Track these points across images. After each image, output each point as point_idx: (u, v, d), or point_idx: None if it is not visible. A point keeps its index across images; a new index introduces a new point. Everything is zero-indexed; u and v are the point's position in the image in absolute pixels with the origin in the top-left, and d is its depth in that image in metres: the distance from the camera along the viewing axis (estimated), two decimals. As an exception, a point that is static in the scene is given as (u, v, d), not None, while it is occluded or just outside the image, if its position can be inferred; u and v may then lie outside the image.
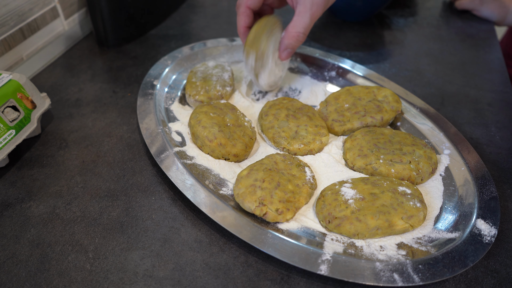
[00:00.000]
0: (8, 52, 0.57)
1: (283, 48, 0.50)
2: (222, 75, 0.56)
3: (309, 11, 0.47)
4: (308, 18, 0.47)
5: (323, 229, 0.40)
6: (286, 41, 0.49)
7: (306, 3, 0.46)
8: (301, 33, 0.48)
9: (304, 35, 0.48)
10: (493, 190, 0.43)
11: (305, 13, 0.47)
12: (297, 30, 0.48)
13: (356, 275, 0.35)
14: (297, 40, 0.49)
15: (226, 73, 0.57)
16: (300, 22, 0.47)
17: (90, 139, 0.51)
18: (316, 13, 0.47)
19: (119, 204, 0.44)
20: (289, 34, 0.48)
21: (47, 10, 0.62)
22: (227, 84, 0.55)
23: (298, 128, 0.49)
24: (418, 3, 0.87)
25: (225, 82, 0.56)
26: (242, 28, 0.52)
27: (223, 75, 0.56)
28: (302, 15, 0.47)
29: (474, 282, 0.37)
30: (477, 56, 0.69)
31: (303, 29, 0.48)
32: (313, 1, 0.46)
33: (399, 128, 0.53)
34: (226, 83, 0.55)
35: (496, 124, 0.55)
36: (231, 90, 0.56)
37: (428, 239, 0.39)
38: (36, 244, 0.39)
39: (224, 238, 0.40)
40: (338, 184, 0.43)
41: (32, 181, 0.46)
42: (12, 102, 0.46)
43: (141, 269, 0.38)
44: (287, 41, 0.49)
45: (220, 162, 0.46)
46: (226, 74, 0.57)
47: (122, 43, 0.70)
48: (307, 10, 0.47)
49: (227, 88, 0.55)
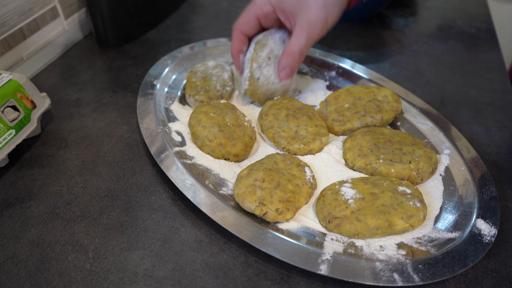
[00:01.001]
0: (8, 52, 0.57)
1: (280, 68, 0.50)
2: (222, 75, 0.56)
3: (305, 31, 0.47)
4: (304, 38, 0.47)
5: (323, 229, 0.40)
6: (282, 61, 0.49)
7: (302, 24, 0.47)
8: (296, 53, 0.48)
9: (299, 55, 0.48)
10: (493, 190, 0.43)
11: (301, 33, 0.47)
12: (292, 50, 0.48)
13: (356, 275, 0.35)
14: (292, 60, 0.48)
15: (226, 73, 0.57)
16: (295, 42, 0.47)
17: (90, 139, 0.51)
18: (313, 33, 0.47)
19: (119, 204, 0.44)
20: (284, 53, 0.49)
21: (47, 10, 0.62)
22: (227, 84, 0.55)
23: (298, 128, 0.49)
24: (418, 3, 0.87)
25: (225, 82, 0.56)
26: (235, 51, 0.52)
27: (223, 75, 0.56)
28: (298, 36, 0.47)
29: (474, 282, 0.37)
30: (477, 56, 0.69)
31: (298, 49, 0.47)
32: (309, 22, 0.46)
33: (399, 128, 0.53)
34: (226, 83, 0.55)
35: (496, 124, 0.55)
36: (231, 90, 0.56)
37: (428, 239, 0.39)
38: (36, 244, 0.40)
39: (224, 238, 0.40)
40: (338, 184, 0.43)
41: (32, 181, 0.46)
42: (12, 102, 0.46)
43: (141, 269, 0.38)
44: (283, 61, 0.49)
45: (220, 162, 0.46)
46: (226, 74, 0.57)
47: (122, 43, 0.70)
48: (303, 30, 0.47)
49: (227, 88, 0.55)
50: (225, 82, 0.56)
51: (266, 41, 0.52)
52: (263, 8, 0.50)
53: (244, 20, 0.51)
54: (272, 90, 0.53)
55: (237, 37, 0.52)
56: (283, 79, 0.51)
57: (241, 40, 0.52)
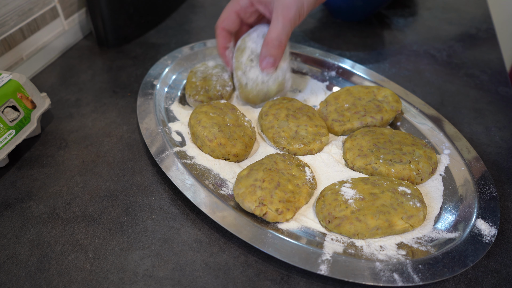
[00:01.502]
0: (8, 52, 0.57)
1: (261, 59, 0.49)
2: (222, 75, 0.56)
3: (280, 16, 0.46)
4: (280, 23, 0.46)
5: (323, 229, 0.40)
6: (262, 51, 0.48)
7: (278, 10, 0.46)
8: (274, 39, 0.47)
9: (278, 41, 0.47)
10: (493, 190, 0.43)
11: (277, 18, 0.46)
12: (270, 37, 0.47)
13: (356, 275, 0.35)
14: (272, 47, 0.47)
15: (226, 73, 0.57)
16: (272, 29, 0.47)
17: (90, 139, 0.51)
18: (288, 16, 0.46)
19: (119, 204, 0.44)
20: (263, 42, 0.48)
21: (47, 10, 0.62)
22: (227, 84, 0.55)
23: (298, 128, 0.49)
24: (418, 3, 0.87)
25: (225, 82, 0.56)
26: (220, 49, 0.53)
27: (223, 75, 0.56)
28: (275, 22, 0.46)
29: (474, 282, 0.37)
30: (477, 56, 0.69)
31: (275, 35, 0.46)
32: (284, 6, 0.45)
33: (399, 128, 0.53)
34: (226, 83, 0.55)
35: (496, 124, 0.55)
36: (231, 90, 0.56)
37: (428, 239, 0.39)
38: (36, 244, 0.40)
39: (224, 238, 0.40)
40: (338, 184, 0.43)
41: (32, 181, 0.46)
42: (12, 102, 0.46)
43: (141, 269, 0.38)
44: (263, 50, 0.48)
45: (220, 162, 0.46)
46: (226, 74, 0.57)
47: (122, 43, 0.70)
48: (278, 15, 0.46)
49: (227, 88, 0.55)
50: (225, 82, 0.56)
51: (244, 44, 0.52)
52: (240, 2, 0.50)
53: (224, 17, 0.51)
54: (264, 90, 0.52)
55: (219, 35, 0.52)
56: (265, 69, 0.49)
57: (224, 37, 0.52)
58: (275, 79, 0.52)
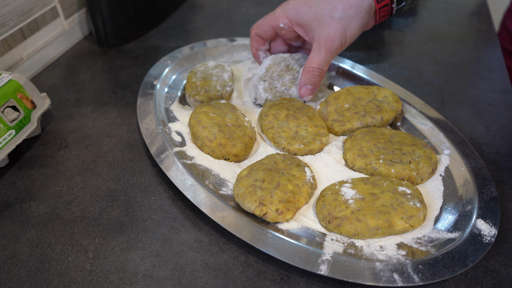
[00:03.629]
0: (8, 52, 0.57)
1: (301, 85, 0.51)
2: (222, 75, 0.56)
3: (323, 47, 0.47)
4: (322, 54, 0.48)
5: (323, 229, 0.40)
6: (303, 78, 0.50)
7: (320, 40, 0.47)
8: (315, 68, 0.49)
9: (319, 70, 0.49)
10: (493, 190, 0.43)
11: (319, 49, 0.48)
12: (312, 66, 0.49)
13: (356, 275, 0.35)
14: (312, 75, 0.50)
15: (226, 73, 0.57)
16: (314, 58, 0.48)
17: (90, 139, 0.51)
18: (331, 48, 0.48)
19: (119, 204, 0.44)
20: (304, 70, 0.50)
21: (47, 10, 0.62)
22: (227, 84, 0.55)
23: (298, 128, 0.49)
24: (418, 3, 0.87)
25: (225, 82, 0.56)
26: (253, 50, 0.56)
27: (223, 75, 0.56)
28: (317, 51, 0.48)
29: (474, 282, 0.37)
30: (477, 56, 0.69)
31: (316, 64, 0.49)
32: (327, 37, 0.47)
33: (399, 128, 0.53)
34: (226, 83, 0.55)
35: (496, 124, 0.55)
36: (231, 90, 0.56)
37: (428, 239, 0.39)
38: (36, 244, 0.40)
39: (224, 238, 0.40)
40: (338, 184, 0.43)
41: (32, 181, 0.46)
42: (12, 102, 0.46)
43: (141, 269, 0.38)
44: (304, 78, 0.50)
45: (220, 162, 0.46)
46: (226, 74, 0.57)
47: (122, 43, 0.70)
48: (321, 46, 0.48)
49: (227, 88, 0.55)
50: (225, 82, 0.55)
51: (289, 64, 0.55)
52: (279, 20, 0.51)
53: (260, 25, 0.53)
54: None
55: (253, 38, 0.55)
56: (305, 96, 0.52)
57: (257, 41, 0.54)
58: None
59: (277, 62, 0.55)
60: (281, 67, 0.55)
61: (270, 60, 0.55)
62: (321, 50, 0.48)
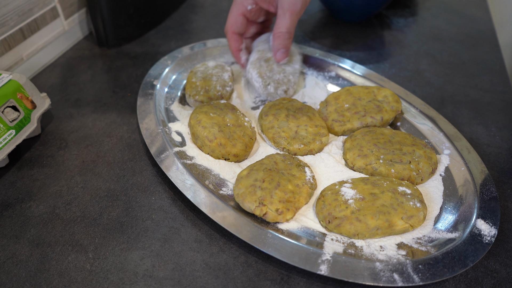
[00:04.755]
0: (8, 52, 0.57)
1: (275, 50, 0.53)
2: (222, 75, 0.56)
3: (287, 11, 0.50)
4: (287, 17, 0.50)
5: (323, 229, 0.40)
6: (275, 43, 0.52)
7: (283, 5, 0.49)
8: (284, 32, 0.51)
9: (288, 33, 0.51)
10: (493, 190, 0.43)
11: (284, 14, 0.50)
12: (281, 31, 0.51)
13: (356, 275, 0.35)
14: (283, 39, 0.51)
15: (226, 73, 0.57)
16: (281, 23, 0.50)
17: (90, 139, 0.51)
18: (295, 11, 0.50)
19: (119, 204, 0.44)
20: (274, 36, 0.52)
21: (47, 10, 0.62)
22: (227, 84, 0.55)
23: (298, 128, 0.49)
24: (418, 3, 0.87)
25: (225, 82, 0.56)
26: (234, 52, 0.55)
27: (223, 75, 0.56)
28: (282, 17, 0.50)
29: (474, 282, 0.37)
30: (477, 56, 0.69)
31: (285, 29, 0.50)
32: (290, 2, 0.49)
33: (399, 128, 0.53)
34: (226, 83, 0.55)
35: (496, 124, 0.55)
36: (231, 90, 0.56)
37: (428, 239, 0.39)
38: (36, 244, 0.40)
39: (224, 238, 0.40)
40: (338, 184, 0.43)
41: (32, 181, 0.46)
42: (12, 102, 0.46)
43: (141, 269, 0.38)
44: (275, 43, 0.52)
45: (220, 162, 0.46)
46: (226, 74, 0.57)
47: (122, 43, 0.70)
48: (285, 11, 0.50)
49: (227, 88, 0.55)
50: (225, 82, 0.55)
51: (259, 62, 0.55)
52: (245, 4, 0.52)
53: (232, 21, 0.53)
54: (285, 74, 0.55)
55: (231, 39, 0.54)
56: (280, 60, 0.53)
57: (236, 40, 0.54)
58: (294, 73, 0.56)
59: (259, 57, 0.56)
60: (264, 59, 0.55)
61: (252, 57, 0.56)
62: (285, 15, 0.50)
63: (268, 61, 0.54)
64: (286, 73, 0.55)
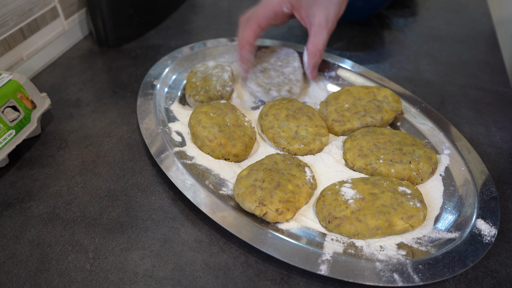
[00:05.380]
0: (8, 52, 0.57)
1: (310, 68, 0.52)
2: (222, 75, 0.56)
3: (325, 29, 0.49)
4: (325, 35, 0.50)
5: (323, 229, 0.40)
6: (311, 61, 0.52)
7: (321, 22, 0.49)
8: (321, 50, 0.51)
9: (324, 50, 0.52)
10: (493, 190, 0.43)
11: (321, 31, 0.49)
12: (319, 48, 0.51)
13: (356, 275, 0.35)
14: (320, 57, 0.52)
15: (226, 73, 0.57)
16: (319, 41, 0.50)
17: (90, 139, 0.51)
18: (331, 30, 0.50)
19: (119, 204, 0.44)
20: (311, 53, 0.51)
21: (47, 10, 0.62)
22: (227, 84, 0.55)
23: (298, 128, 0.49)
24: (418, 3, 0.87)
25: (225, 82, 0.56)
26: (245, 41, 0.51)
27: (223, 75, 0.56)
28: (319, 34, 0.49)
29: (474, 282, 0.37)
30: (477, 56, 0.69)
31: (322, 46, 0.50)
32: (328, 19, 0.49)
33: (399, 128, 0.53)
34: (226, 83, 0.55)
35: (496, 124, 0.55)
36: (231, 90, 0.56)
37: (428, 239, 0.39)
38: (36, 244, 0.40)
39: (224, 238, 0.40)
40: (338, 184, 0.43)
41: (32, 181, 0.46)
42: (12, 102, 0.46)
43: (141, 269, 0.38)
44: (311, 60, 0.52)
45: (220, 162, 0.46)
46: (226, 74, 0.57)
47: (122, 43, 0.70)
48: (323, 28, 0.49)
49: (227, 88, 0.55)
50: (225, 82, 0.55)
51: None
52: (282, 5, 0.50)
53: (264, 14, 0.50)
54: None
55: (251, 28, 0.51)
56: (315, 77, 0.54)
57: (255, 32, 0.51)
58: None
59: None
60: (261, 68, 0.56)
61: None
62: (323, 32, 0.49)
63: (264, 71, 0.55)
64: (286, 74, 0.55)
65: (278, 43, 0.64)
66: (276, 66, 0.55)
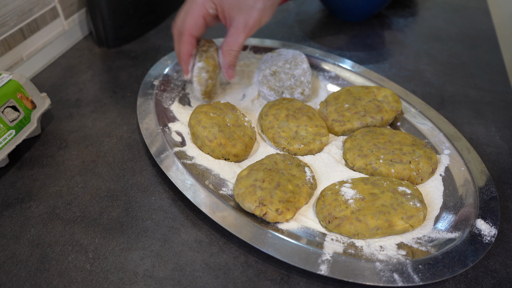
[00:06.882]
0: (8, 52, 0.57)
1: (225, 67, 0.51)
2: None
3: (242, 33, 0.49)
4: (242, 38, 0.49)
5: (323, 229, 0.40)
6: (226, 60, 0.50)
7: (239, 25, 0.48)
8: (236, 50, 0.50)
9: (239, 52, 0.50)
10: (493, 190, 0.43)
11: (238, 34, 0.49)
12: (233, 49, 0.50)
13: (356, 275, 0.35)
14: (234, 57, 0.51)
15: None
16: (235, 41, 0.49)
17: (90, 139, 0.51)
18: (249, 34, 0.50)
19: (119, 204, 0.44)
20: (225, 52, 0.50)
21: (47, 10, 0.62)
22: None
23: (298, 128, 0.49)
24: (418, 3, 0.87)
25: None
26: (185, 56, 0.51)
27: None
28: (235, 36, 0.49)
29: (474, 282, 0.37)
30: (477, 56, 0.69)
31: (237, 47, 0.50)
32: (247, 25, 0.48)
33: (399, 128, 0.53)
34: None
35: (496, 124, 0.55)
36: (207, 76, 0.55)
37: (428, 239, 0.39)
38: (36, 244, 0.40)
39: (224, 238, 0.40)
40: (338, 184, 0.43)
41: (32, 181, 0.46)
42: (12, 102, 0.46)
43: (141, 269, 0.38)
44: (226, 59, 0.50)
45: (220, 162, 0.46)
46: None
47: (122, 43, 0.70)
48: (240, 32, 0.49)
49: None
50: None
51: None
52: (207, 6, 0.49)
53: (192, 22, 0.49)
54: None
55: (187, 41, 0.50)
56: (232, 77, 0.52)
57: (191, 44, 0.51)
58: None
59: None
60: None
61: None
62: (240, 35, 0.49)
63: (274, 74, 0.54)
64: (296, 76, 0.54)
65: (278, 43, 0.64)
66: (285, 69, 0.55)
